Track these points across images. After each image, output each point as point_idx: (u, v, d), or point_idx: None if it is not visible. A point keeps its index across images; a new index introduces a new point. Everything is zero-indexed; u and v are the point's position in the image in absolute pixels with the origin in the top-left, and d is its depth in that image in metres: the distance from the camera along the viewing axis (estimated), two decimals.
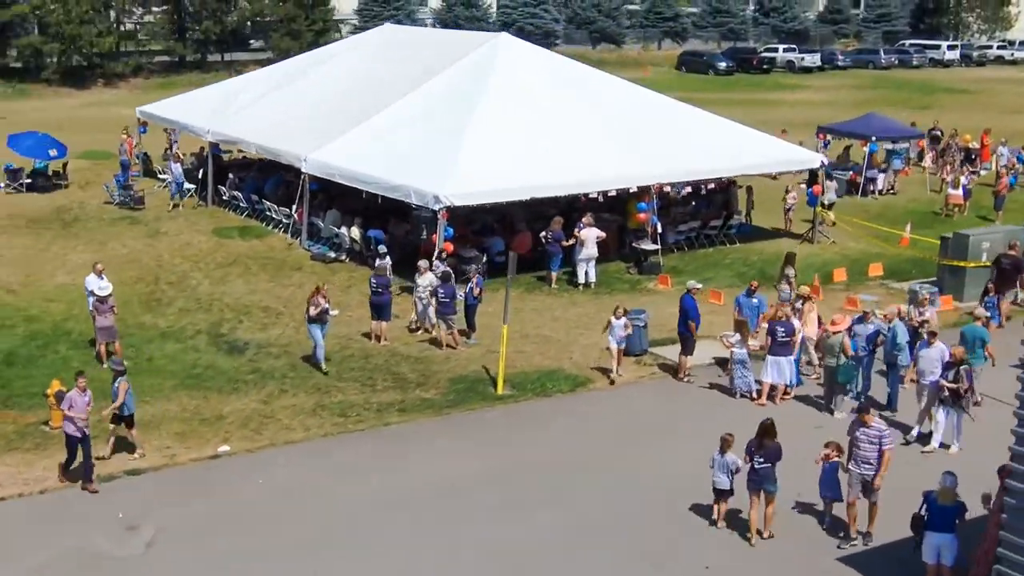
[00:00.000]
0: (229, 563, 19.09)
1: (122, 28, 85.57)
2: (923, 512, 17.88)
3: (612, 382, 27.02)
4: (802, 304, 27.45)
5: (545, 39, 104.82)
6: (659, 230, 36.78)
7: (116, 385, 22.64)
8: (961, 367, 23.25)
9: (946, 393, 23.22)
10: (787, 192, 41.99)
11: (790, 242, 39.25)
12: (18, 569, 18.81)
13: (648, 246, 36.60)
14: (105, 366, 27.26)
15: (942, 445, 23.45)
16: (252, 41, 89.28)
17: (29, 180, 45.70)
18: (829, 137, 51.50)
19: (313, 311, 27.29)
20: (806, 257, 36.85)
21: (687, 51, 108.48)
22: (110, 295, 28.01)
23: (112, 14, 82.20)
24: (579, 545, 19.74)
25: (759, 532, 19.91)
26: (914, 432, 24.19)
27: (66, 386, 24.19)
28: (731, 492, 20.19)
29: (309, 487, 21.86)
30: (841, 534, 19.81)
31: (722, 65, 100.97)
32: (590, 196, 36.35)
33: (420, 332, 30.36)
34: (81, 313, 30.27)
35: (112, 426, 22.79)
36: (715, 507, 20.47)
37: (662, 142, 38.19)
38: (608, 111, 39.43)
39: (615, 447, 23.79)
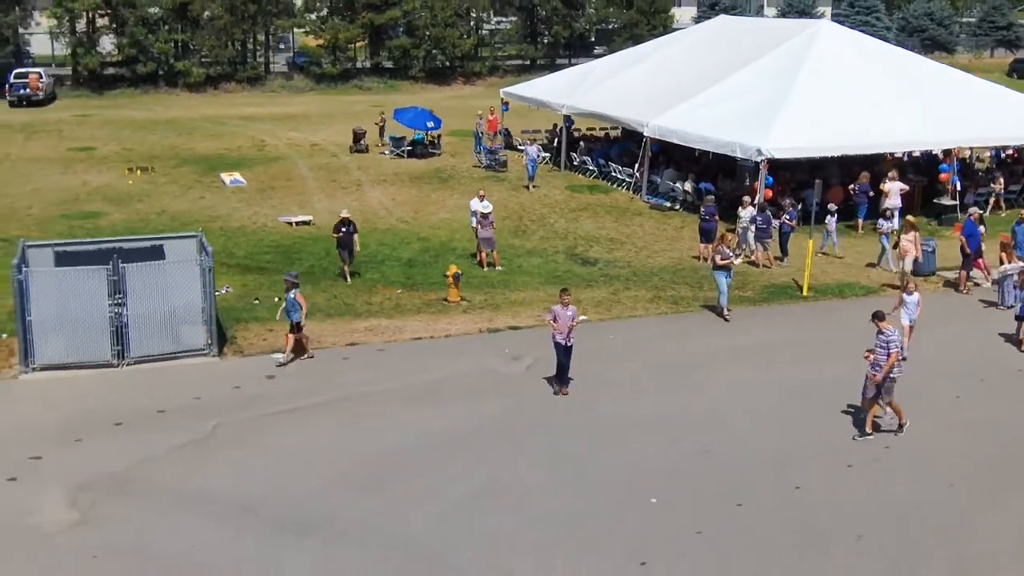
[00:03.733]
0: (582, 385, 25.59)
1: (480, 32, 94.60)
2: None
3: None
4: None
5: None
6: (958, 189, 41.34)
7: (292, 295, 26.11)
8: None
9: None
10: None
11: None
12: (427, 378, 25.78)
13: (947, 202, 41.19)
14: (485, 269, 34.43)
15: None
16: (596, 47, 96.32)
17: (410, 148, 53.78)
18: None
19: (720, 260, 29.88)
20: None
21: (1019, 58, 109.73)
22: (491, 212, 35.20)
23: (472, 19, 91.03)
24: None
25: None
26: None
27: (462, 270, 31.54)
28: None
29: (645, 342, 28.40)
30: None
31: None
32: (895, 155, 41.28)
33: (740, 257, 36.15)
34: (463, 237, 37.73)
35: (292, 335, 26.31)
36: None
37: (966, 113, 42.77)
38: (918, 85, 44.25)
39: None
